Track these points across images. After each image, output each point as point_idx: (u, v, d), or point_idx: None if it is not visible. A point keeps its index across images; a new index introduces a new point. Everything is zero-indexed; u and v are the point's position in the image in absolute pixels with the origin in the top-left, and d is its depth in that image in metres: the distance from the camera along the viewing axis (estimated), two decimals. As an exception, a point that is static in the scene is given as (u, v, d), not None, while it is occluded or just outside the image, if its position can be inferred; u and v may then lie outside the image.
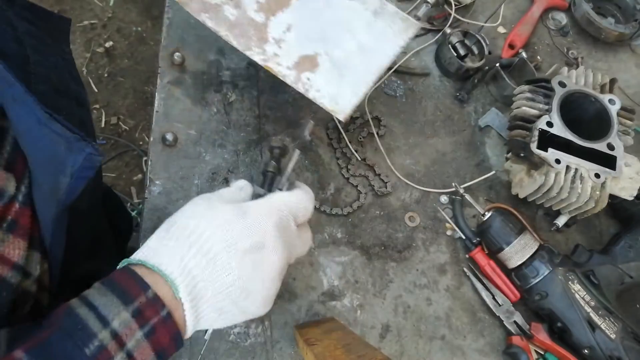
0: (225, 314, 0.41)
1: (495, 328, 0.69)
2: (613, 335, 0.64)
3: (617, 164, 0.68)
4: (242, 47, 0.60)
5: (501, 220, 0.68)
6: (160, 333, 0.36)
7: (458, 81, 0.85)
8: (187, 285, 0.38)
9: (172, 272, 0.38)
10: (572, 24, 0.96)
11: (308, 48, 0.61)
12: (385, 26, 0.63)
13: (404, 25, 0.64)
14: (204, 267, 0.38)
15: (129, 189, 1.62)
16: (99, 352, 0.32)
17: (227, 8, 0.60)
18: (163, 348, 0.37)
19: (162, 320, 0.36)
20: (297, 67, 0.60)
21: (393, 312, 0.66)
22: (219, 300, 0.39)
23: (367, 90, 0.61)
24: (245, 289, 0.40)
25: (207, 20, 0.60)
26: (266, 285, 0.42)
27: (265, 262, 0.41)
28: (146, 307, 0.36)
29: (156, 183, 0.64)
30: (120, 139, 1.66)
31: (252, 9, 0.61)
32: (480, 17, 0.90)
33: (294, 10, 0.62)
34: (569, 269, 0.67)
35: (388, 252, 0.70)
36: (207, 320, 0.40)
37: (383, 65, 0.62)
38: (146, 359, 0.35)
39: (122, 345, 0.34)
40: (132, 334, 0.35)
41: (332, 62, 0.61)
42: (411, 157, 0.77)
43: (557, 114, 0.69)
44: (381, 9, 0.64)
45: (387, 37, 0.63)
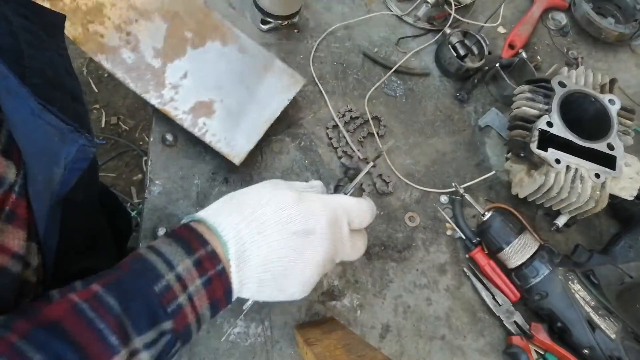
0: (264, 288, 0.43)
1: (495, 328, 0.69)
2: (613, 335, 0.64)
3: (617, 164, 0.68)
4: (140, 91, 0.62)
5: (501, 220, 0.68)
6: (215, 285, 0.40)
7: (458, 81, 0.85)
8: (237, 249, 0.41)
9: (227, 234, 0.41)
10: (572, 24, 0.96)
11: (204, 95, 0.64)
12: (275, 80, 0.67)
13: (291, 81, 0.68)
14: (254, 237, 0.42)
15: (129, 189, 1.62)
16: (166, 290, 0.37)
17: (125, 51, 0.62)
18: (217, 300, 0.40)
19: (218, 274, 0.40)
20: (193, 112, 0.63)
21: (393, 312, 0.67)
22: (261, 272, 0.42)
23: (259, 138, 0.65)
24: (286, 269, 0.43)
25: (104, 62, 0.61)
26: (306, 271, 0.44)
27: (310, 248, 0.43)
28: (205, 259, 0.40)
29: (156, 183, 0.64)
30: (120, 139, 1.66)
31: (150, 55, 0.63)
32: (480, 17, 0.90)
33: (190, 59, 0.64)
34: (569, 269, 0.67)
35: (388, 252, 0.70)
36: (248, 289, 0.43)
37: (273, 118, 0.66)
38: (202, 305, 0.39)
39: (185, 288, 0.38)
40: (193, 280, 0.38)
41: (227, 110, 0.64)
42: (411, 157, 0.77)
43: (557, 114, 0.69)
44: (271, 64, 0.68)
45: (276, 90, 0.67)
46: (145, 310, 0.36)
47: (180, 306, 0.38)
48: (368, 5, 0.87)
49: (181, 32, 0.64)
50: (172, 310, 0.37)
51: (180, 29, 0.64)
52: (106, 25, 0.61)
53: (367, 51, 0.82)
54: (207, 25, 0.66)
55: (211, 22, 0.66)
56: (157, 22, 0.64)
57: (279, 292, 0.44)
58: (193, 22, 0.65)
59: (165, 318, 0.37)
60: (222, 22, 0.67)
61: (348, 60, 0.81)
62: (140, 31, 0.62)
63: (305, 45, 0.79)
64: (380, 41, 0.84)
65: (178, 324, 0.38)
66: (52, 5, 0.56)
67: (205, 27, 0.66)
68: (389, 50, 0.84)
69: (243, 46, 0.67)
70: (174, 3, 0.65)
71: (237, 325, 0.60)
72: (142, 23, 0.63)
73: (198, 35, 0.65)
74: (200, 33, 0.65)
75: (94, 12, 0.60)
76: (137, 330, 0.35)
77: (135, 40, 0.62)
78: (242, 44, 0.67)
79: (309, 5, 0.83)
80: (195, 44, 0.65)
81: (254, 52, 0.68)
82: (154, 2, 0.64)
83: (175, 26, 0.64)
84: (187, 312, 0.38)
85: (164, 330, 0.37)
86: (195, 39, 0.65)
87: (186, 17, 0.65)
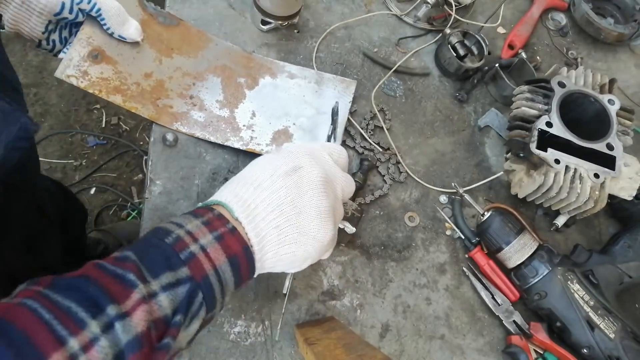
0: (285, 234, 0.44)
1: (495, 327, 0.70)
2: (612, 334, 0.65)
3: (616, 164, 0.68)
4: (221, 140, 0.66)
5: (500, 220, 0.68)
6: (229, 241, 0.41)
7: (457, 81, 0.85)
8: (240, 206, 0.43)
9: (227, 198, 0.44)
10: (571, 24, 0.96)
11: (277, 124, 0.70)
12: (330, 90, 0.74)
13: (344, 85, 0.75)
14: (252, 192, 0.44)
15: (130, 189, 1.62)
16: (176, 241, 0.39)
17: (194, 113, 0.67)
18: (235, 254, 0.42)
19: (229, 231, 0.42)
20: (275, 142, 0.68)
21: (393, 312, 0.67)
22: (274, 218, 0.44)
23: (339, 142, 0.70)
24: (295, 206, 0.44)
25: (181, 128, 0.65)
26: (314, 200, 0.45)
27: (304, 179, 0.46)
28: (213, 220, 0.42)
29: (157, 183, 0.64)
30: (121, 139, 1.66)
31: (216, 108, 0.68)
32: (480, 18, 0.90)
33: (251, 99, 0.70)
34: (568, 269, 0.67)
35: (388, 251, 0.70)
36: (270, 241, 0.44)
37: (344, 121, 0.72)
38: (219, 258, 0.41)
39: (196, 240, 0.40)
40: (204, 235, 0.41)
41: (303, 130, 0.70)
42: (410, 157, 0.77)
43: (557, 114, 0.69)
44: (320, 78, 0.75)
45: (335, 97, 0.74)
46: (158, 256, 0.38)
47: (192, 254, 0.39)
48: (368, 6, 0.87)
49: (234, 80, 0.71)
50: (185, 257, 0.39)
51: (233, 78, 0.71)
52: (171, 96, 0.66)
53: (367, 51, 0.82)
54: (253, 66, 0.72)
55: (255, 63, 0.73)
56: (211, 79, 0.69)
57: (303, 235, 0.45)
58: (241, 68, 0.72)
59: (179, 264, 0.38)
60: (263, 59, 0.74)
61: (348, 61, 0.81)
62: (200, 91, 0.68)
63: (306, 46, 0.80)
64: (380, 41, 0.84)
65: (194, 271, 0.38)
66: (122, 94, 0.63)
67: (252, 68, 0.72)
68: (388, 51, 0.84)
69: (291, 73, 0.74)
70: (219, 58, 0.71)
71: (238, 324, 0.60)
72: (199, 84, 0.68)
73: (249, 77, 0.71)
74: (250, 75, 0.72)
75: (158, 89, 0.65)
76: (153, 274, 0.37)
77: (200, 100, 0.67)
78: (289, 71, 0.74)
79: (309, 6, 0.83)
80: (250, 86, 0.71)
81: (302, 74, 0.74)
82: (201, 63, 0.69)
83: (227, 77, 0.70)
84: (201, 261, 0.39)
85: (181, 278, 0.38)
86: (248, 81, 0.71)
87: (234, 66, 0.71)
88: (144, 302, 0.35)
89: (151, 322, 0.35)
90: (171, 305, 0.37)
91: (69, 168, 1.60)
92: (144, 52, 0.65)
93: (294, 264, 0.47)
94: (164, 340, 0.36)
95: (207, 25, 0.75)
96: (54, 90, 1.67)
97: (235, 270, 0.42)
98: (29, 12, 0.55)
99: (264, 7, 0.73)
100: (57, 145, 1.63)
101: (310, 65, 0.78)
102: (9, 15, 0.55)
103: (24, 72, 1.67)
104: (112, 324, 0.33)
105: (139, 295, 0.35)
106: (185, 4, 0.76)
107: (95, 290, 0.34)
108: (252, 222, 0.43)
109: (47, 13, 0.56)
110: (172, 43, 0.68)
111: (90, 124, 1.68)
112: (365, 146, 0.75)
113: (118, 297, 0.34)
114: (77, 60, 0.60)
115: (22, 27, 0.57)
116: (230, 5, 0.79)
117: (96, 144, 1.65)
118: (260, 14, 0.75)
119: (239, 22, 0.77)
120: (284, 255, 0.45)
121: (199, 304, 0.39)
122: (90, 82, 0.60)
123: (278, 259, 0.45)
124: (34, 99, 1.66)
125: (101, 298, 0.33)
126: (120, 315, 0.33)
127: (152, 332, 0.35)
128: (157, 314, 0.36)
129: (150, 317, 0.35)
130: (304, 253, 0.46)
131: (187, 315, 0.38)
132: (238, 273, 0.42)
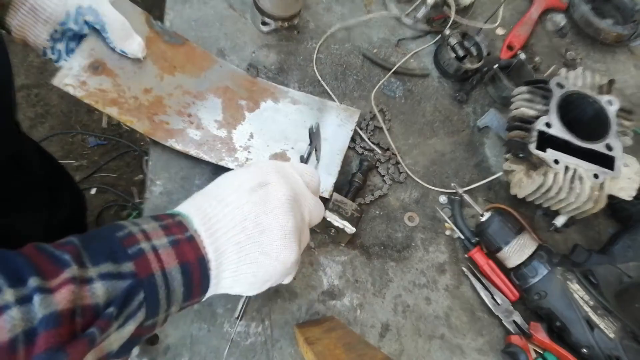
0: (245, 252, 0.42)
1: (494, 327, 0.70)
2: (612, 334, 0.65)
3: (615, 165, 0.68)
4: (215, 160, 0.65)
5: (500, 221, 0.68)
6: (184, 248, 0.39)
7: (457, 82, 0.85)
8: (201, 218, 0.41)
9: (188, 210, 0.43)
10: (570, 25, 0.96)
11: (275, 147, 0.69)
12: (333, 117, 0.73)
13: (348, 113, 0.74)
14: (215, 206, 0.42)
15: (130, 189, 1.62)
16: (127, 236, 0.38)
17: (191, 131, 0.66)
18: (188, 262, 0.39)
19: (186, 240, 0.40)
20: None
21: (392, 312, 0.67)
22: (236, 234, 0.42)
23: (339, 169, 0.69)
24: (258, 224, 0.42)
25: (175, 145, 0.64)
26: (279, 219, 0.43)
27: (271, 195, 0.44)
28: (172, 226, 0.40)
29: (157, 183, 0.64)
30: (122, 139, 1.67)
31: (214, 127, 0.67)
32: (479, 19, 0.91)
33: (250, 121, 0.70)
34: (568, 269, 0.67)
35: (387, 251, 0.70)
36: (229, 259, 0.42)
37: (344, 148, 0.71)
38: (171, 263, 0.38)
39: (148, 239, 0.38)
40: (159, 237, 0.39)
41: (301, 154, 0.68)
42: (410, 157, 0.78)
43: (556, 115, 0.69)
44: (323, 105, 0.74)
45: (337, 124, 0.73)
46: (103, 246, 0.36)
47: (142, 250, 0.37)
48: (367, 7, 0.87)
49: (235, 102, 0.70)
50: (132, 253, 0.36)
51: (234, 99, 0.70)
52: (168, 113, 0.65)
53: (366, 52, 0.82)
54: (256, 90, 0.72)
55: (259, 87, 0.73)
56: (212, 99, 0.69)
57: (265, 255, 0.42)
58: (243, 90, 0.72)
59: (124, 258, 0.36)
60: (267, 84, 0.74)
61: (348, 62, 0.81)
62: (199, 110, 0.67)
63: (306, 47, 0.80)
64: (379, 42, 0.85)
65: (139, 268, 0.36)
66: (119, 107, 0.62)
67: (255, 92, 0.72)
68: (388, 52, 0.84)
69: (294, 98, 0.74)
70: (221, 80, 0.71)
71: (238, 324, 0.60)
72: (199, 103, 0.68)
73: (251, 100, 0.71)
74: (252, 98, 0.71)
75: (156, 104, 0.65)
76: (93, 261, 0.35)
77: (197, 119, 0.67)
78: (292, 96, 0.74)
79: (309, 7, 0.83)
80: (250, 108, 0.71)
81: (305, 101, 0.74)
82: (203, 83, 0.69)
83: (228, 98, 0.70)
84: (150, 259, 0.37)
85: (124, 272, 0.35)
86: (249, 104, 0.71)
87: (236, 88, 0.71)
88: (72, 283, 0.32)
89: (78, 307, 0.32)
90: (105, 296, 0.34)
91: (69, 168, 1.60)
92: (145, 68, 0.65)
93: (254, 285, 0.44)
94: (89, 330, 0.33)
95: (207, 26, 0.76)
96: (54, 91, 1.67)
97: (186, 279, 0.39)
98: (35, 19, 0.56)
99: (264, 8, 0.74)
100: (58, 146, 1.63)
101: (311, 67, 0.78)
102: (17, 21, 0.56)
103: (25, 72, 1.68)
104: (31, 297, 0.30)
105: (68, 275, 0.33)
106: (186, 4, 0.76)
107: (23, 262, 0.32)
108: (212, 236, 0.41)
109: (53, 21, 0.57)
110: (176, 61, 0.68)
111: (91, 125, 1.68)
112: (365, 146, 0.75)
113: (46, 272, 0.32)
114: (76, 70, 0.60)
115: (27, 33, 0.58)
116: (230, 5, 0.79)
117: (97, 145, 1.66)
118: (260, 15, 0.75)
119: (239, 23, 0.78)
120: (243, 275, 0.43)
121: (138, 302, 0.36)
122: (87, 92, 0.60)
123: (236, 278, 0.43)
124: (35, 100, 1.66)
125: (26, 270, 0.31)
126: (41, 289, 0.31)
127: (78, 319, 0.33)
128: (87, 301, 0.33)
129: (78, 302, 0.33)
130: (264, 274, 0.43)
131: (122, 312, 0.35)
132: (189, 283, 0.39)
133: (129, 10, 0.65)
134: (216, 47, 0.75)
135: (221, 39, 0.76)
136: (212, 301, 0.61)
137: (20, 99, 1.65)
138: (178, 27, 0.74)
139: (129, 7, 0.66)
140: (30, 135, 1.48)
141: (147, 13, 0.68)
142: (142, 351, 0.56)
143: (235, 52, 0.75)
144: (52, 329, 0.30)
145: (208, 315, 0.60)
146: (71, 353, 0.31)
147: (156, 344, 0.57)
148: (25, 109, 1.65)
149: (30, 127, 1.63)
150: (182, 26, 0.74)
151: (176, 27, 0.74)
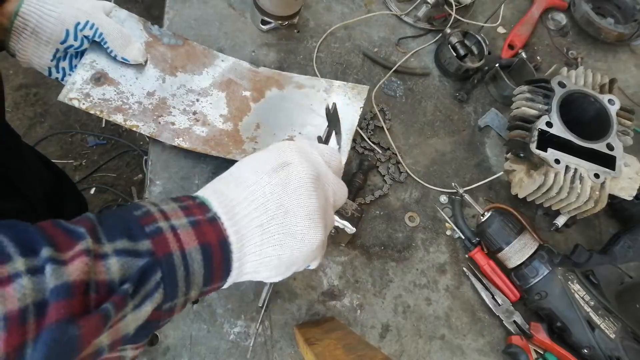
0: (269, 234, 0.40)
1: (495, 328, 0.69)
2: (612, 335, 0.64)
3: (616, 164, 0.68)
4: (223, 154, 0.65)
5: (500, 220, 0.68)
6: (205, 229, 0.38)
7: (458, 81, 0.85)
8: (220, 202, 0.40)
9: (206, 193, 0.41)
10: (571, 24, 0.96)
11: (282, 134, 0.69)
12: (341, 97, 0.72)
13: (356, 91, 0.72)
14: (233, 189, 0.41)
15: (130, 189, 1.62)
16: (144, 215, 0.36)
17: (197, 128, 0.66)
18: (209, 244, 0.38)
19: (207, 221, 0.38)
20: None
21: (393, 312, 0.67)
22: (257, 216, 0.40)
23: (349, 149, 0.68)
24: (281, 205, 0.41)
25: (182, 143, 0.64)
26: (302, 200, 0.41)
27: (292, 176, 0.42)
28: (192, 207, 0.39)
29: (156, 183, 0.64)
30: (121, 139, 1.66)
31: (220, 122, 0.67)
32: (480, 18, 0.90)
33: (256, 112, 0.69)
34: (569, 269, 0.67)
35: (388, 252, 0.70)
36: (252, 242, 0.40)
37: (354, 126, 0.69)
38: (190, 243, 0.37)
39: (167, 218, 0.37)
40: (178, 217, 0.37)
41: (309, 138, 0.68)
42: (411, 157, 0.77)
43: (557, 114, 0.69)
44: (330, 86, 0.73)
45: (346, 103, 0.71)
46: (120, 223, 0.35)
47: (160, 229, 0.36)
48: (368, 6, 0.87)
49: (239, 94, 0.70)
50: (150, 231, 0.35)
51: (238, 92, 0.70)
52: (173, 113, 0.66)
53: (367, 51, 0.82)
54: (259, 80, 0.72)
55: (262, 77, 0.72)
56: (216, 94, 0.69)
57: (289, 236, 0.41)
58: (246, 81, 0.71)
59: (141, 236, 0.35)
60: (271, 72, 0.73)
61: (348, 61, 0.81)
62: (204, 107, 0.68)
63: (306, 46, 0.80)
64: (380, 41, 0.84)
65: (157, 247, 0.35)
66: (123, 114, 0.63)
67: (258, 82, 0.72)
68: (388, 51, 0.84)
69: (299, 83, 0.73)
70: (224, 73, 0.71)
71: (238, 324, 0.60)
72: (203, 100, 0.68)
73: (255, 91, 0.71)
74: (256, 88, 0.71)
75: (160, 106, 0.65)
76: (109, 237, 0.34)
77: (203, 116, 0.67)
78: (297, 81, 0.73)
79: (309, 6, 0.83)
80: (255, 99, 0.70)
81: (311, 84, 0.73)
82: (205, 79, 0.69)
83: (232, 91, 0.70)
84: (168, 239, 0.36)
85: (141, 250, 0.34)
86: (254, 95, 0.71)
87: (239, 80, 0.71)
88: (86, 255, 0.31)
89: (92, 281, 0.31)
90: (120, 273, 0.33)
91: (69, 168, 1.60)
92: (147, 72, 0.66)
93: (279, 269, 0.42)
94: (103, 305, 0.31)
95: (207, 25, 0.75)
96: (53, 90, 1.67)
97: (207, 260, 0.37)
98: (37, 41, 0.58)
99: (264, 7, 0.73)
100: (57, 145, 1.63)
101: (311, 65, 0.78)
102: (20, 45, 0.57)
103: (24, 72, 1.67)
104: (43, 268, 0.29)
105: (82, 247, 0.31)
106: (186, 4, 0.76)
107: (36, 233, 0.31)
108: (233, 219, 0.39)
109: (54, 41, 0.58)
110: (177, 62, 0.69)
111: (90, 124, 1.68)
112: (366, 146, 0.75)
113: (60, 244, 0.31)
114: (79, 84, 0.62)
115: (32, 56, 0.59)
116: (230, 5, 0.79)
117: (96, 144, 1.66)
118: (260, 14, 0.75)
119: (239, 22, 0.77)
120: (268, 258, 0.41)
121: (156, 282, 0.34)
122: (91, 103, 0.62)
123: (260, 262, 0.41)
124: (34, 99, 1.66)
125: (39, 241, 0.30)
126: (54, 260, 0.30)
127: (92, 294, 0.31)
128: (101, 277, 0.32)
129: (93, 276, 0.31)
130: (290, 257, 0.41)
131: (139, 291, 0.33)
132: (210, 265, 0.38)
133: (125, 19, 0.67)
134: (216, 46, 0.74)
135: (221, 38, 0.75)
136: (212, 301, 0.60)
137: (19, 99, 1.65)
138: (178, 26, 0.74)
139: (125, 15, 0.67)
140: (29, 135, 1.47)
141: (144, 19, 0.68)
142: (142, 351, 0.56)
143: (235, 51, 0.75)
144: (63, 300, 0.29)
145: (208, 316, 0.60)
146: (84, 326, 0.30)
147: (156, 344, 0.57)
148: (24, 108, 1.64)
149: (29, 127, 1.63)
150: (182, 25, 0.74)
151: (176, 26, 0.74)
